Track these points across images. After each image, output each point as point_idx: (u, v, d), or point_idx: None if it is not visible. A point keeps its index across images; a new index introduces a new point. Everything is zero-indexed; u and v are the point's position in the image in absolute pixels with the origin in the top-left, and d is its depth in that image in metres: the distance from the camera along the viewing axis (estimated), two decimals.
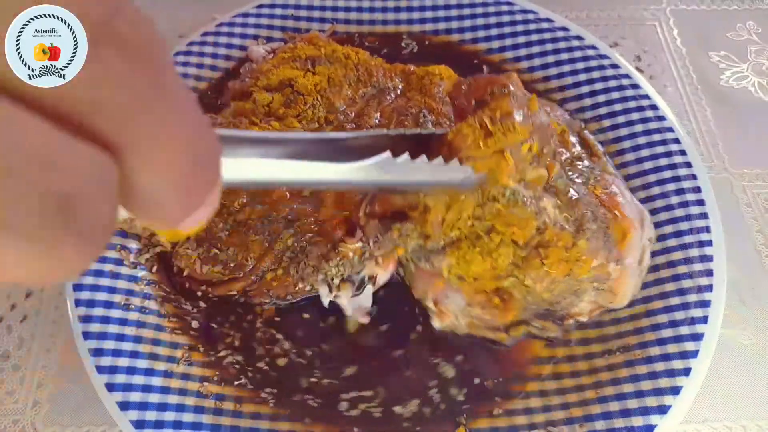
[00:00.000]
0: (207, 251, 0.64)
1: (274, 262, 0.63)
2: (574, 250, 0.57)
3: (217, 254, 0.64)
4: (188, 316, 0.65)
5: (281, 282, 0.63)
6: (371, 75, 0.72)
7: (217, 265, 0.63)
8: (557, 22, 0.82)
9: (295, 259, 0.63)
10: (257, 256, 0.63)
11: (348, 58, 0.73)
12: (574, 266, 0.57)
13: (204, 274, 0.64)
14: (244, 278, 0.64)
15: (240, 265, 0.63)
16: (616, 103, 0.76)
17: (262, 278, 0.63)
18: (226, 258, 0.63)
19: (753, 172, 0.78)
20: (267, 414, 0.60)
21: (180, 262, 0.65)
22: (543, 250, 0.57)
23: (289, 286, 0.63)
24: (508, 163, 0.54)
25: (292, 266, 0.63)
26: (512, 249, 0.57)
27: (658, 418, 0.56)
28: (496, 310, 0.60)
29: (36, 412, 0.63)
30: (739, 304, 0.68)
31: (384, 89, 0.72)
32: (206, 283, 0.65)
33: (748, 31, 0.92)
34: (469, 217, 0.57)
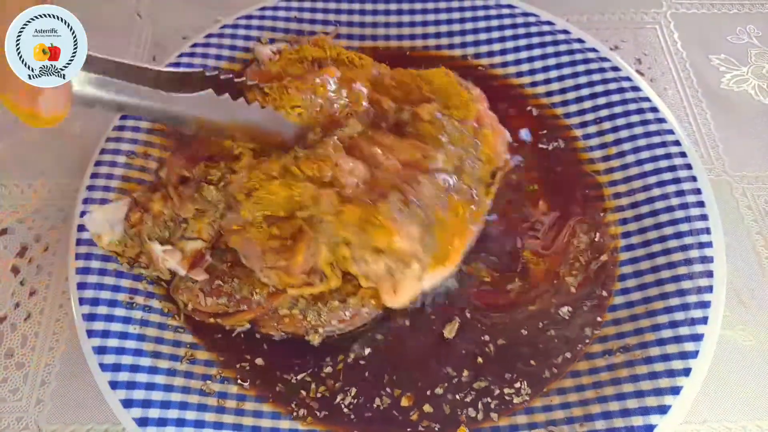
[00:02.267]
0: (209, 283, 0.63)
1: (290, 306, 0.62)
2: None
3: (221, 286, 0.63)
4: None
5: (294, 321, 0.63)
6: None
7: (221, 297, 0.63)
8: (558, 25, 0.83)
9: (313, 303, 0.62)
10: (267, 291, 0.62)
11: (352, 62, 0.74)
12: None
13: (209, 307, 0.63)
14: (254, 310, 0.63)
15: (247, 299, 0.62)
16: (617, 105, 0.77)
17: (275, 313, 0.63)
18: (230, 290, 0.63)
19: (753, 174, 0.78)
20: (269, 412, 0.60)
21: (182, 296, 0.64)
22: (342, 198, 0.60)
23: (300, 328, 0.63)
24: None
25: (310, 311, 0.62)
26: (311, 187, 0.60)
27: (658, 418, 0.56)
28: (287, 254, 0.59)
29: (39, 410, 0.63)
30: (739, 305, 0.69)
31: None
32: (214, 315, 0.64)
33: (749, 34, 0.92)
34: (279, 167, 0.61)
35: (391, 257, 0.59)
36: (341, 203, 0.59)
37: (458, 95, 0.70)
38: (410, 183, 0.62)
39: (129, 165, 0.72)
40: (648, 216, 0.69)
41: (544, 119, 0.80)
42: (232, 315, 0.63)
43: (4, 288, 0.71)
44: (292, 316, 0.62)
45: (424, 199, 0.61)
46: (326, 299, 0.62)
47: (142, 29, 0.93)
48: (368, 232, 0.58)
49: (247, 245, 0.61)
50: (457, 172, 0.65)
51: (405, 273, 0.60)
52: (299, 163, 0.61)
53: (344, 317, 0.62)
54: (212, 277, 0.63)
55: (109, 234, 0.63)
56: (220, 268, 0.63)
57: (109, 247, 0.64)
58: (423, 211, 0.61)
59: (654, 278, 0.65)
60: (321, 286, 0.60)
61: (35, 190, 0.78)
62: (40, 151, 0.81)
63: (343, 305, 0.62)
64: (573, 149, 0.77)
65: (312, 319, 0.62)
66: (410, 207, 0.60)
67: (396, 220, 0.59)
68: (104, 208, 0.64)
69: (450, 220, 0.62)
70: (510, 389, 0.61)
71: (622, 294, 0.66)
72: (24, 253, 0.73)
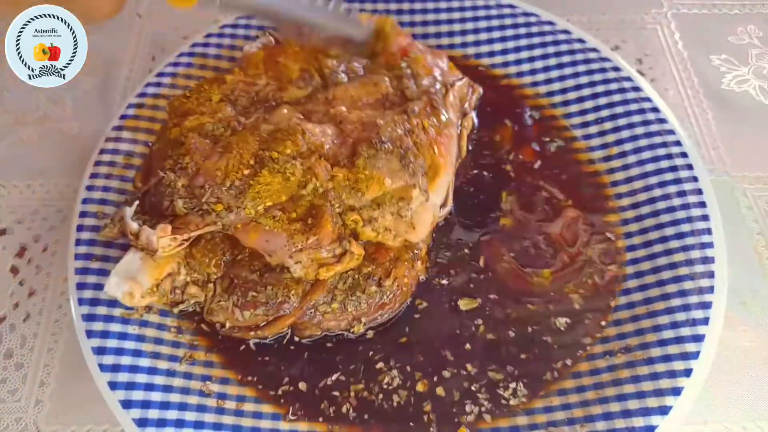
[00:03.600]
0: (243, 296, 0.62)
1: (327, 296, 0.62)
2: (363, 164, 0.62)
3: (255, 296, 0.62)
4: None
5: (336, 316, 0.63)
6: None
7: (258, 308, 0.62)
8: (559, 26, 0.83)
9: (351, 293, 0.63)
10: (302, 290, 0.62)
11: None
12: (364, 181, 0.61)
13: (248, 320, 0.62)
14: (293, 313, 0.62)
15: (283, 301, 0.62)
16: (618, 105, 0.77)
17: (315, 312, 0.62)
18: (266, 298, 0.62)
19: (754, 175, 0.78)
20: (268, 413, 0.60)
21: (217, 317, 0.63)
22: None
23: (343, 320, 0.63)
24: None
25: (349, 302, 0.62)
26: (297, 163, 0.61)
27: (659, 418, 0.56)
28: (314, 229, 0.60)
29: (38, 411, 0.63)
30: (740, 306, 0.69)
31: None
32: (254, 328, 0.63)
33: (749, 34, 0.92)
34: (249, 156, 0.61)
35: (391, 202, 0.63)
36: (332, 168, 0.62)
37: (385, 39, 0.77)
38: (370, 130, 0.65)
39: (128, 165, 0.72)
40: (649, 216, 0.69)
41: (545, 120, 0.80)
42: (272, 323, 0.62)
43: (4, 288, 0.71)
44: (333, 311, 0.62)
45: (387, 135, 0.64)
46: (363, 286, 0.63)
47: (142, 28, 0.93)
48: (361, 190, 0.61)
49: (269, 238, 0.60)
50: (399, 90, 0.72)
51: (411, 205, 0.63)
52: (272, 146, 0.62)
53: (385, 301, 0.63)
54: (245, 289, 0.62)
55: (138, 286, 0.60)
56: (251, 279, 0.62)
57: (151, 301, 0.61)
58: (392, 144, 0.64)
59: (655, 279, 0.65)
60: (349, 259, 0.61)
61: (34, 190, 0.78)
62: (39, 151, 0.81)
63: (380, 289, 0.63)
64: (574, 150, 0.77)
65: (353, 309, 0.62)
66: (379, 148, 0.63)
67: (375, 167, 0.62)
68: (116, 268, 0.60)
69: (421, 137, 0.67)
70: (507, 390, 0.61)
71: (624, 295, 0.66)
72: (23, 254, 0.73)
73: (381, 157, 0.62)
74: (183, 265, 0.62)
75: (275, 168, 0.60)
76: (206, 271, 0.63)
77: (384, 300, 0.64)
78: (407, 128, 0.66)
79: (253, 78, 0.73)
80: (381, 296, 0.63)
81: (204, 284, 0.63)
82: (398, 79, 0.72)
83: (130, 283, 0.60)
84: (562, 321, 0.65)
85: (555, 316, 0.65)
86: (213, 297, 0.63)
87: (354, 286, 0.63)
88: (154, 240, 0.58)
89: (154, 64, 0.87)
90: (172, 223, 0.60)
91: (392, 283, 0.64)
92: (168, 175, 0.62)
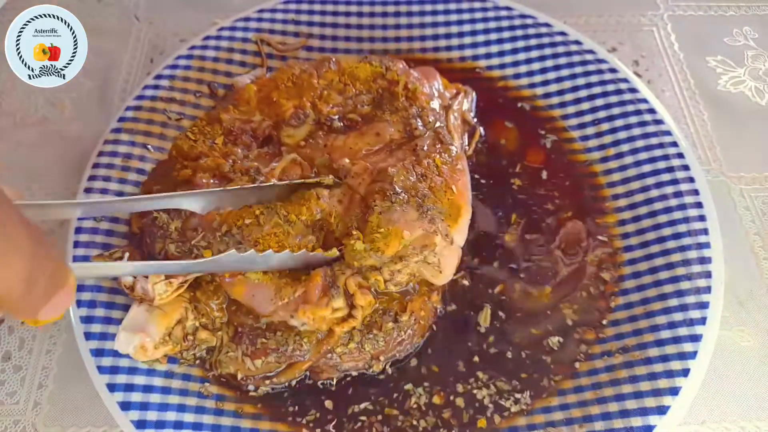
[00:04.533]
0: (252, 344, 0.60)
1: (346, 342, 0.60)
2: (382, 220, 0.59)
3: (265, 343, 0.59)
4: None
5: (353, 357, 0.61)
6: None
7: (269, 355, 0.59)
8: (556, 27, 0.83)
9: (368, 332, 0.60)
10: (315, 337, 0.59)
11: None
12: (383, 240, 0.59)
13: (260, 369, 0.60)
14: (309, 359, 0.60)
15: (295, 348, 0.59)
16: (615, 107, 0.77)
17: (332, 354, 0.60)
18: (276, 344, 0.59)
19: (750, 175, 0.78)
20: (267, 415, 0.60)
21: (227, 368, 0.61)
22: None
23: (361, 361, 0.61)
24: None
25: (366, 341, 0.60)
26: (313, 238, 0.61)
27: (657, 418, 0.56)
28: (302, 281, 0.59)
29: (37, 413, 0.63)
30: (737, 305, 0.69)
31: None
32: (267, 376, 0.61)
33: (745, 36, 0.92)
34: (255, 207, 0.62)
35: (414, 252, 0.60)
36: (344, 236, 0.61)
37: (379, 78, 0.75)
38: (382, 180, 0.63)
39: (126, 167, 0.72)
40: (646, 217, 0.69)
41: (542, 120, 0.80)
42: (287, 369, 0.60)
43: None
44: (350, 351, 0.60)
45: (400, 184, 0.62)
46: (379, 324, 0.60)
47: (140, 31, 0.93)
48: (380, 250, 0.58)
49: (255, 291, 0.59)
50: (408, 130, 0.69)
51: (436, 252, 0.60)
52: (288, 208, 0.62)
53: (403, 337, 0.62)
54: (253, 336, 0.60)
55: (150, 338, 0.58)
56: (258, 326, 0.60)
57: (166, 351, 0.60)
58: (407, 194, 0.61)
59: (653, 279, 0.65)
60: (361, 314, 0.59)
61: (33, 192, 0.78)
62: (37, 154, 0.81)
63: (397, 325, 0.61)
64: (574, 150, 0.77)
65: (370, 348, 0.60)
66: (394, 200, 0.61)
67: (391, 221, 0.59)
68: (123, 324, 0.59)
69: (435, 180, 0.64)
70: (508, 400, 0.61)
71: (621, 295, 0.66)
72: None
73: (396, 210, 0.60)
74: (190, 309, 0.60)
75: (291, 232, 0.60)
76: (212, 316, 0.61)
77: (402, 337, 0.62)
78: (420, 173, 0.64)
79: (247, 115, 0.73)
80: (398, 332, 0.61)
81: (214, 329, 0.61)
82: (404, 122, 0.70)
83: (140, 335, 0.58)
84: (555, 340, 0.65)
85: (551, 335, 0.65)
86: (220, 347, 0.61)
87: (370, 325, 0.61)
88: (149, 288, 0.57)
89: (152, 67, 0.87)
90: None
91: (409, 318, 0.61)
92: (161, 215, 0.62)
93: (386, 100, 0.73)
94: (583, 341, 0.64)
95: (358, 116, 0.72)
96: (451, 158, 0.67)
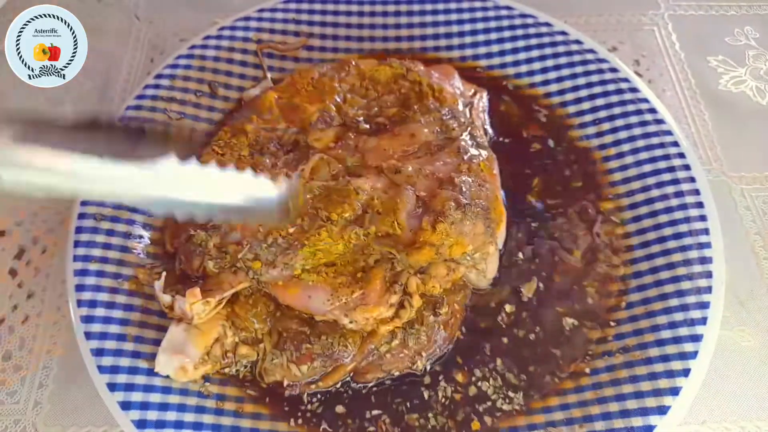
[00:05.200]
0: (297, 350, 0.60)
1: (389, 340, 0.61)
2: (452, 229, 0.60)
3: (310, 348, 0.60)
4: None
5: (397, 354, 0.61)
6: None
7: (315, 360, 0.60)
8: (556, 27, 0.83)
9: (410, 327, 0.61)
10: (359, 337, 0.60)
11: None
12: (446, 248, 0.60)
13: (306, 374, 0.60)
14: (353, 360, 0.60)
15: (341, 350, 0.60)
16: (615, 106, 0.77)
17: (375, 353, 0.61)
18: (321, 349, 0.60)
19: (751, 175, 0.78)
20: (267, 414, 0.60)
21: (273, 376, 0.61)
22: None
23: (405, 359, 0.61)
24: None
25: (409, 336, 0.61)
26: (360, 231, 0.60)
27: (657, 418, 0.56)
28: (362, 283, 0.59)
29: (37, 413, 0.63)
30: (738, 305, 0.69)
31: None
32: (314, 382, 0.61)
33: (746, 35, 0.92)
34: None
35: (468, 259, 0.62)
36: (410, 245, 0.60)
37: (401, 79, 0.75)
38: (451, 187, 0.63)
39: None
40: (647, 217, 0.69)
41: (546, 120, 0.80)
42: (332, 373, 0.61)
43: (2, 290, 0.71)
44: (393, 349, 0.61)
45: (468, 194, 0.63)
46: (420, 318, 0.61)
47: (140, 31, 0.93)
48: (443, 255, 0.60)
49: (312, 293, 0.59)
50: (442, 131, 0.70)
51: (485, 258, 0.63)
52: (328, 207, 0.61)
53: (443, 334, 0.62)
54: (297, 342, 0.60)
55: (189, 360, 0.58)
56: (302, 331, 0.61)
57: (205, 370, 0.60)
58: (476, 206, 0.62)
59: (653, 279, 0.65)
60: (408, 313, 0.59)
61: None
62: None
63: (437, 318, 0.62)
64: None
65: (413, 343, 0.61)
66: (466, 211, 0.61)
67: (462, 232, 0.61)
68: (162, 346, 0.59)
69: (488, 187, 0.65)
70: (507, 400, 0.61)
71: (622, 295, 0.66)
72: (22, 256, 0.73)
73: (466, 223, 0.61)
74: (228, 326, 0.60)
75: (334, 230, 0.60)
76: (252, 329, 0.61)
77: (442, 330, 0.62)
78: (479, 183, 0.65)
79: (271, 123, 0.73)
80: (439, 325, 0.62)
81: (254, 342, 0.61)
82: (438, 123, 0.70)
83: (179, 357, 0.58)
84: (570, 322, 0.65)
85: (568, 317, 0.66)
86: (264, 356, 0.61)
87: (411, 321, 0.61)
88: (187, 308, 0.57)
89: (152, 67, 0.87)
90: (203, 285, 0.59)
91: (447, 310, 0.63)
92: (198, 234, 0.62)
93: (413, 101, 0.73)
94: (589, 339, 0.64)
95: (385, 118, 0.73)
96: (490, 163, 0.68)
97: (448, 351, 0.63)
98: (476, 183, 0.64)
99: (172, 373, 0.58)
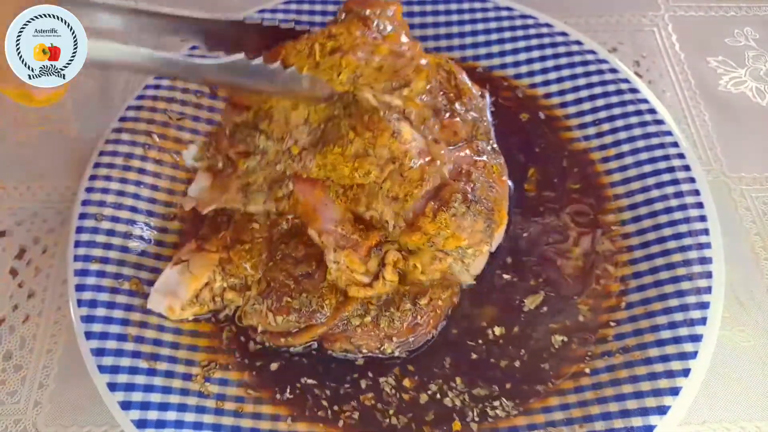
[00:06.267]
0: (278, 301, 0.61)
1: (360, 308, 0.61)
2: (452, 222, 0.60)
3: (289, 302, 0.61)
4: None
5: (367, 331, 0.61)
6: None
7: (291, 314, 0.61)
8: (557, 28, 0.83)
9: (385, 309, 0.61)
10: (336, 300, 0.61)
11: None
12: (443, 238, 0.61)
13: (279, 326, 0.62)
14: (325, 323, 0.61)
15: (316, 310, 0.61)
16: (615, 107, 0.77)
17: (348, 324, 0.61)
18: (299, 305, 0.61)
19: (750, 175, 0.78)
20: (268, 414, 0.60)
21: (251, 320, 0.63)
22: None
23: (375, 338, 0.62)
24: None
25: (382, 317, 0.61)
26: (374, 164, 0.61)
27: (657, 418, 0.56)
28: (362, 233, 0.60)
29: (37, 413, 0.63)
30: (738, 306, 0.69)
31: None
32: (284, 334, 0.63)
33: (746, 36, 0.92)
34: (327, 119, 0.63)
35: (458, 252, 0.62)
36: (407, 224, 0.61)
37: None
38: (466, 180, 0.63)
39: (127, 167, 0.72)
40: (647, 217, 0.69)
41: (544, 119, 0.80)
42: (303, 331, 0.62)
43: (3, 290, 0.71)
44: (365, 324, 0.61)
45: (478, 191, 0.63)
46: (397, 303, 0.62)
47: None
48: (436, 245, 0.61)
49: (328, 203, 0.61)
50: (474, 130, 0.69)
51: (476, 255, 0.63)
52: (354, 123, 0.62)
53: (418, 321, 0.62)
54: (280, 294, 0.61)
55: (178, 300, 0.62)
56: (287, 284, 0.62)
57: (193, 312, 0.64)
58: (482, 205, 0.63)
59: (653, 279, 0.65)
60: (381, 285, 0.60)
61: (34, 192, 0.78)
62: (38, 153, 0.81)
63: (414, 308, 0.62)
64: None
65: (385, 325, 0.61)
66: (471, 207, 0.62)
67: (461, 227, 0.61)
68: (155, 285, 0.63)
69: (497, 190, 0.65)
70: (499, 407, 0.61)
71: (622, 295, 0.66)
72: (22, 256, 0.73)
73: (468, 218, 0.61)
74: (218, 272, 0.63)
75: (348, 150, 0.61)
76: (243, 274, 0.63)
77: (417, 321, 0.62)
78: (489, 184, 0.65)
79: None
80: (415, 315, 0.62)
81: (241, 289, 0.64)
82: (473, 123, 0.70)
83: (170, 297, 0.62)
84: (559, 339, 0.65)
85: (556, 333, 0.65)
86: (248, 300, 0.63)
87: (388, 303, 0.62)
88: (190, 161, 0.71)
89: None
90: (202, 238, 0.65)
91: (427, 303, 0.62)
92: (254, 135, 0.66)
93: (455, 97, 0.71)
94: (585, 343, 0.64)
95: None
96: (501, 168, 0.68)
97: (424, 345, 0.64)
98: (487, 183, 0.65)
99: (163, 310, 0.62)
